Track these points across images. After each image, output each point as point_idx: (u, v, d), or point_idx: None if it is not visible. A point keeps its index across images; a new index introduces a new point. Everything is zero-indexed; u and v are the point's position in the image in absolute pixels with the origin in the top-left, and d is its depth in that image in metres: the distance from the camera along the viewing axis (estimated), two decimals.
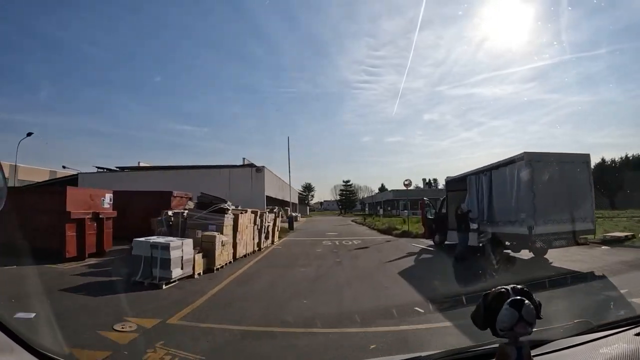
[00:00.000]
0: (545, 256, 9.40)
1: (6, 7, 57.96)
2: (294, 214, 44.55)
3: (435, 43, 78.79)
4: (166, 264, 7.48)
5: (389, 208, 59.09)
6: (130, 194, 16.87)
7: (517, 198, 8.41)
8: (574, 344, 1.13)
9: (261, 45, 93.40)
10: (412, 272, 8.40)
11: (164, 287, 7.27)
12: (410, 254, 11.52)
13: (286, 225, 25.08)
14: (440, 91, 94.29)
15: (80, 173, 33.03)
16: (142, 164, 37.59)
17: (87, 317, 5.08)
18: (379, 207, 66.81)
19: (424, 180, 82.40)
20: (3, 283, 7.22)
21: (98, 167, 35.13)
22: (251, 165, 27.04)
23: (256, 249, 12.57)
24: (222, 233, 9.52)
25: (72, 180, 30.28)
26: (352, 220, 39.93)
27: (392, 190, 61.26)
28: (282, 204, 40.93)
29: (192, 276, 8.15)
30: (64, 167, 38.11)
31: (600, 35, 58.04)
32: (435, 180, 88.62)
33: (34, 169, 38.55)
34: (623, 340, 1.10)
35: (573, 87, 69.38)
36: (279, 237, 17.98)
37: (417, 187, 64.26)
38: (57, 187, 13.99)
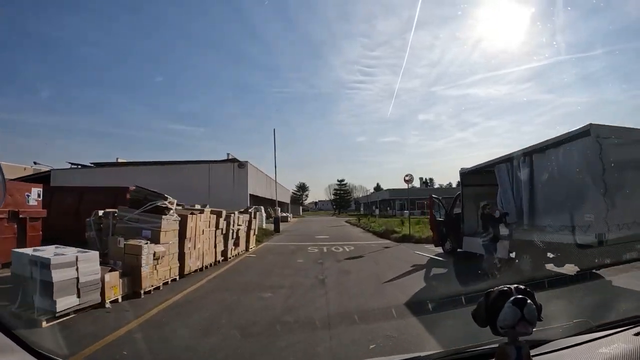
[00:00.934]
0: (595, 271, 6.88)
1: (4, 6, 55.90)
2: (284, 214, 41.92)
3: (431, 43, 78.59)
4: (47, 289, 4.81)
5: (387, 208, 56.63)
6: (80, 190, 14.29)
7: (577, 193, 5.82)
8: (573, 343, 1.11)
9: (258, 45, 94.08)
10: (425, 300, 5.75)
11: (44, 324, 4.65)
12: (416, 267, 8.90)
13: (278, 226, 22.48)
14: (435, 91, 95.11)
15: (53, 169, 30.27)
16: (120, 161, 34.94)
17: None
18: (374, 207, 64.53)
19: (421, 179, 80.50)
20: None
21: (72, 163, 32.51)
22: (233, 160, 24.29)
23: (220, 259, 9.90)
24: (158, 241, 6.85)
25: (45, 177, 27.61)
26: (346, 221, 37.28)
27: (388, 190, 58.72)
28: (272, 203, 38.25)
29: (102, 305, 5.50)
30: (35, 163, 35.50)
31: (596, 36, 57.58)
32: (431, 179, 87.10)
33: (16, 167, 35.93)
34: (622, 340, 1.08)
35: (569, 87, 69.78)
36: (258, 242, 15.33)
37: (413, 187, 62.61)
38: None
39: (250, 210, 13.38)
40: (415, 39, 75.58)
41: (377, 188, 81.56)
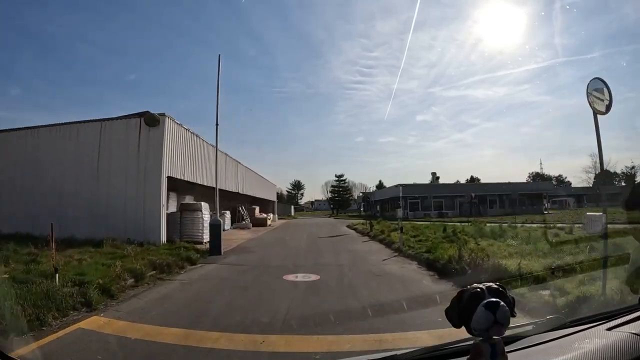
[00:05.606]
0: None
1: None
2: (261, 216, 30.09)
3: (429, 44, 75.75)
4: None
5: (405, 210, 45.37)
6: None
7: None
8: (547, 339, 1.13)
9: (255, 45, 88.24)
10: None
11: None
12: None
13: (217, 243, 10.95)
14: (434, 92, 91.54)
15: None
16: None
17: None
18: (377, 206, 53.20)
19: (433, 174, 71.06)
20: None
21: None
22: (140, 115, 12.67)
23: None
24: None
25: None
26: (350, 226, 25.56)
27: (400, 185, 47.01)
28: (249, 199, 26.65)
29: None
30: None
31: (594, 38, 54.24)
32: (438, 178, 79.59)
33: None
34: (595, 336, 1.10)
35: (566, 89, 67.68)
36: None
37: (416, 183, 53.45)
38: None
39: None
40: (414, 40, 71.82)
41: (380, 186, 70.65)
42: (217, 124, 12.29)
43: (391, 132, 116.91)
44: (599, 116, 4.51)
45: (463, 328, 1.00)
